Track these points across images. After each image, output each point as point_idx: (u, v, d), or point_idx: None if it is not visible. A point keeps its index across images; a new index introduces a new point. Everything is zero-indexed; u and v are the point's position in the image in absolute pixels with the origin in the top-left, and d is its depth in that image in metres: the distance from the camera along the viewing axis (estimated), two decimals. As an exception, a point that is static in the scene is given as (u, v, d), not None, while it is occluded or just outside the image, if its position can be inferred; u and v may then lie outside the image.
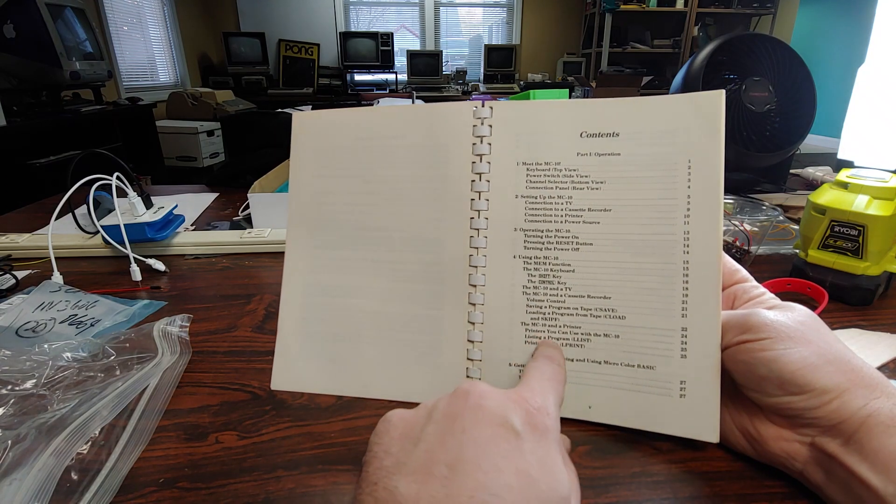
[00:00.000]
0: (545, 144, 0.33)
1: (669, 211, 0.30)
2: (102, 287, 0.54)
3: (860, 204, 0.45)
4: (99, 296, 0.51)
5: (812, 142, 3.96)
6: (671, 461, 0.29)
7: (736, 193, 0.71)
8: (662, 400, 0.30)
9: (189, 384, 0.38)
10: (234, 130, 1.13)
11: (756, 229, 0.57)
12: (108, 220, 0.61)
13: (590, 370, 0.32)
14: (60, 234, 0.64)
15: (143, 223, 0.61)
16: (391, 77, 4.66)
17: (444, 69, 4.70)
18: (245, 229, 0.68)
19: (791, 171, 0.92)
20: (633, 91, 3.57)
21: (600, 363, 0.31)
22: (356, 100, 4.19)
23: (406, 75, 4.61)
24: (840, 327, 0.43)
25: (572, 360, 0.32)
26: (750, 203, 0.65)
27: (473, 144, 0.33)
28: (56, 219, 0.61)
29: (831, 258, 0.47)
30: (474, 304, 0.33)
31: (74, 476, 0.28)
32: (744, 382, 0.28)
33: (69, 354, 0.38)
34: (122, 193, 0.62)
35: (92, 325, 0.46)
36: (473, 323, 0.33)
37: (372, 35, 4.47)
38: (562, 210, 0.32)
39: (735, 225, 0.54)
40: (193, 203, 0.85)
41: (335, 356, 0.35)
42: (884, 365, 0.38)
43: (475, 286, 0.33)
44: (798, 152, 0.84)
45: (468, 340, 0.33)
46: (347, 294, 0.35)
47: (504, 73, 4.73)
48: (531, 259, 0.33)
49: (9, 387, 0.34)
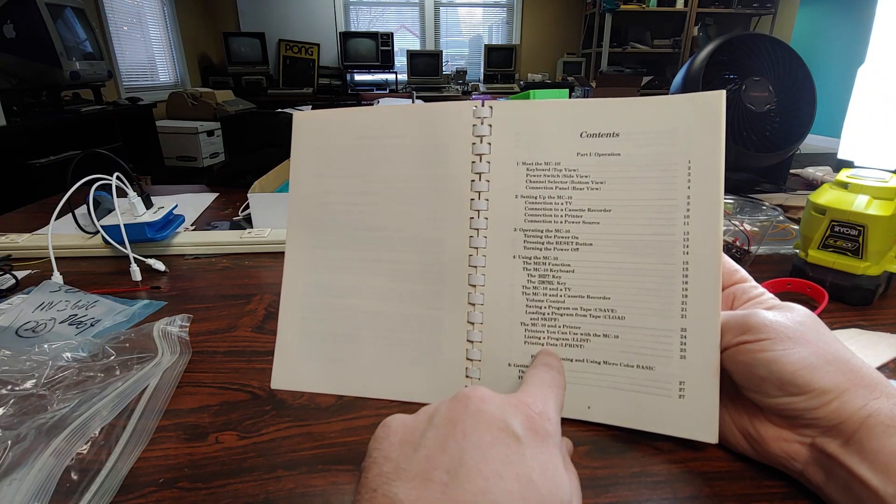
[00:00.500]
0: (545, 144, 0.33)
1: (669, 211, 0.30)
2: (102, 287, 0.54)
3: (860, 204, 0.45)
4: (99, 296, 0.51)
5: (812, 142, 3.96)
6: (671, 461, 0.29)
7: (736, 193, 0.71)
8: (661, 400, 0.30)
9: (189, 384, 0.38)
10: (234, 130, 1.13)
11: (756, 229, 0.57)
12: (108, 220, 0.61)
13: (589, 370, 0.32)
14: (60, 234, 0.64)
15: (143, 223, 0.61)
16: (391, 77, 4.66)
17: (444, 69, 4.70)
18: (245, 229, 0.68)
19: (791, 171, 0.92)
20: (633, 91, 3.57)
21: (599, 363, 0.31)
22: (356, 100, 4.18)
23: (406, 75, 4.61)
24: (840, 327, 0.43)
25: (571, 361, 0.32)
26: (750, 203, 0.65)
27: (473, 144, 0.33)
28: (56, 219, 0.61)
29: (831, 258, 0.47)
30: (474, 304, 0.33)
31: (74, 476, 0.28)
32: (743, 383, 0.28)
33: (69, 354, 0.38)
34: (122, 193, 0.62)
35: (92, 325, 0.46)
36: (473, 323, 0.33)
37: (372, 35, 4.47)
38: (561, 210, 0.32)
39: (735, 225, 0.54)
40: (193, 203, 0.85)
41: (335, 355, 0.35)
42: (884, 365, 0.38)
43: (475, 286, 0.33)
44: (798, 152, 0.84)
45: (467, 340, 0.33)
46: (347, 294, 0.35)
47: (504, 73, 4.73)
48: (531, 259, 0.32)
49: (9, 387, 0.34)
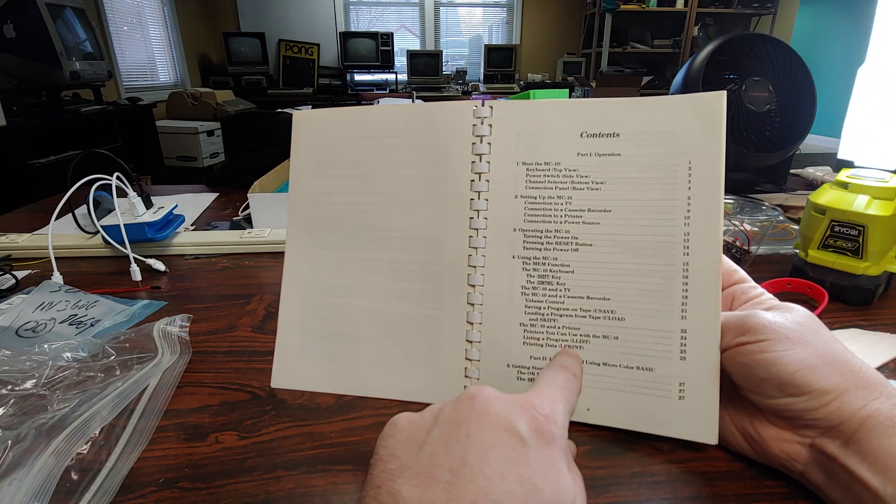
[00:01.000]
0: (545, 144, 0.33)
1: (669, 212, 0.30)
2: (102, 287, 0.54)
3: (860, 204, 0.45)
4: (99, 296, 0.51)
5: (812, 142, 3.96)
6: (671, 461, 0.29)
7: (736, 193, 0.71)
8: (661, 402, 0.30)
9: (189, 384, 0.38)
10: (234, 130, 1.13)
11: (756, 229, 0.57)
12: (108, 220, 0.61)
13: (588, 372, 0.32)
14: (60, 234, 0.64)
15: (143, 223, 0.61)
16: (391, 77, 4.66)
17: (444, 69, 4.70)
18: (245, 229, 0.68)
19: (791, 171, 0.92)
20: (633, 91, 3.57)
21: (599, 365, 0.31)
22: (356, 100, 4.18)
23: (406, 75, 4.61)
24: (840, 327, 0.43)
25: None
26: (750, 203, 0.65)
27: (473, 144, 0.33)
28: (56, 219, 0.61)
29: (831, 258, 0.47)
30: (473, 304, 0.33)
31: (74, 476, 0.28)
32: (743, 384, 0.28)
33: (69, 354, 0.38)
34: (122, 193, 0.62)
35: (92, 325, 0.46)
36: (472, 323, 0.33)
37: (372, 35, 4.47)
38: (561, 210, 0.32)
39: (735, 225, 0.54)
40: (193, 203, 0.85)
41: (334, 355, 0.35)
42: (884, 365, 0.38)
43: (474, 286, 0.33)
44: (798, 152, 0.84)
45: (467, 340, 0.33)
46: (347, 293, 0.35)
47: (504, 73, 4.73)
48: (530, 259, 0.32)
49: (9, 387, 0.34)
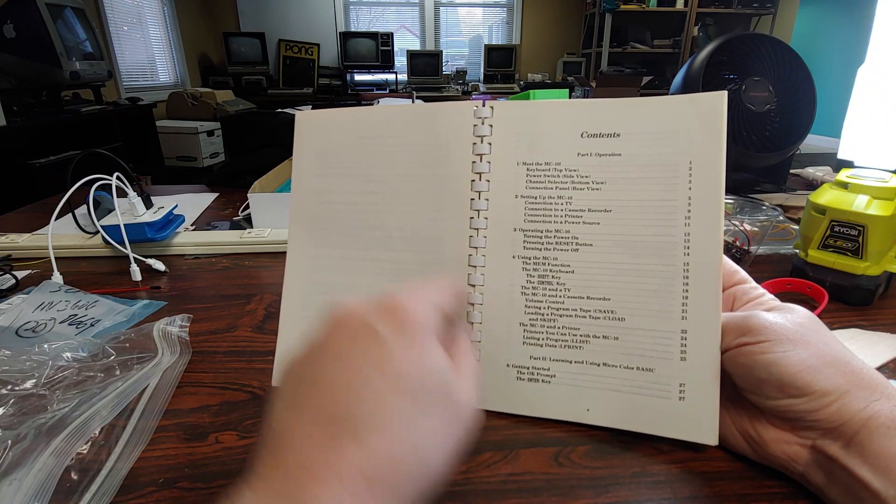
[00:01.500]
0: (545, 144, 0.33)
1: (670, 212, 0.30)
2: (102, 287, 0.54)
3: (860, 204, 0.45)
4: (99, 296, 0.51)
5: (812, 142, 3.96)
6: (671, 461, 0.29)
7: (736, 193, 0.71)
8: (661, 402, 0.30)
9: (189, 384, 0.38)
10: (234, 130, 1.13)
11: (756, 229, 0.57)
12: (108, 220, 0.61)
13: (588, 372, 0.31)
14: (60, 234, 0.64)
15: (143, 223, 0.61)
16: (391, 77, 4.65)
17: (444, 69, 4.69)
18: (245, 229, 0.68)
19: (791, 171, 0.92)
20: (633, 91, 3.57)
21: (599, 365, 0.31)
22: (356, 100, 4.18)
23: (406, 75, 4.61)
24: (840, 327, 0.43)
25: (571, 362, 0.32)
26: (750, 203, 0.65)
27: (474, 144, 0.33)
28: (56, 219, 0.61)
29: (831, 258, 0.47)
30: (473, 304, 0.33)
31: (74, 476, 0.28)
32: (744, 385, 0.28)
33: (69, 354, 0.38)
34: (122, 193, 0.62)
35: (92, 325, 0.46)
36: (472, 322, 0.33)
37: (372, 35, 4.47)
38: (562, 210, 0.32)
39: (735, 225, 0.54)
40: (193, 203, 0.85)
41: (335, 356, 0.35)
42: (884, 365, 0.38)
43: (474, 286, 0.33)
44: (798, 152, 0.84)
45: (468, 341, 0.33)
46: (348, 293, 0.35)
47: (504, 73, 4.73)
48: (530, 259, 0.32)
49: (9, 387, 0.34)
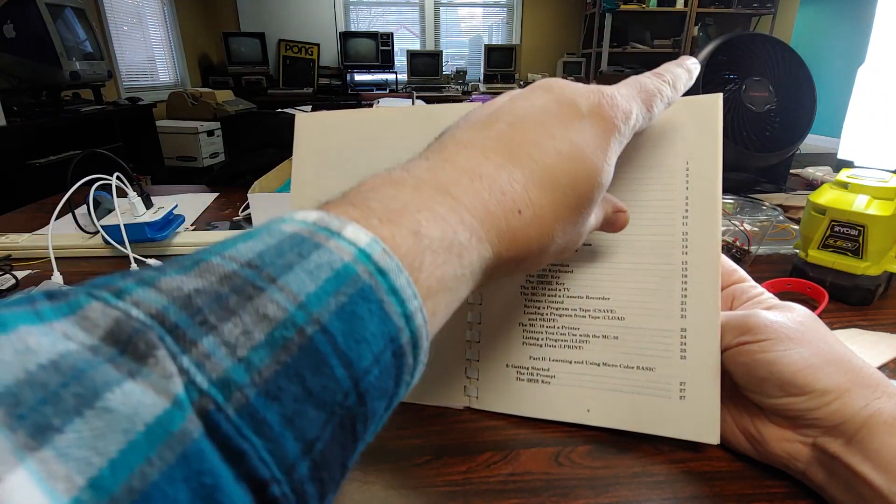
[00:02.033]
0: None
1: (668, 212, 0.30)
2: (102, 287, 0.54)
3: (860, 204, 0.45)
4: (99, 296, 0.51)
5: (812, 142, 3.96)
6: (672, 461, 0.29)
7: (736, 193, 0.71)
8: (662, 402, 0.30)
9: (189, 384, 0.38)
10: (234, 130, 1.13)
11: (756, 229, 0.57)
12: (108, 220, 0.61)
13: (588, 372, 0.31)
14: (60, 234, 0.64)
15: (143, 223, 0.61)
16: (391, 77, 4.65)
17: (444, 69, 4.69)
18: (245, 229, 0.68)
19: (791, 171, 0.92)
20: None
21: (599, 365, 0.31)
22: (356, 100, 4.18)
23: (406, 75, 4.61)
24: (840, 327, 0.43)
25: (570, 363, 0.32)
26: (750, 203, 0.65)
27: None
28: (56, 219, 0.61)
29: (831, 258, 0.47)
30: (472, 305, 0.33)
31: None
32: (744, 384, 0.28)
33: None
34: (122, 193, 0.62)
35: (92, 326, 0.46)
36: (471, 323, 0.33)
37: (372, 35, 4.46)
38: None
39: (735, 225, 0.54)
40: (193, 203, 0.85)
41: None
42: (884, 365, 0.38)
43: (475, 286, 0.33)
44: (798, 152, 0.84)
45: (466, 341, 0.33)
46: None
47: (504, 73, 4.72)
48: (531, 259, 0.32)
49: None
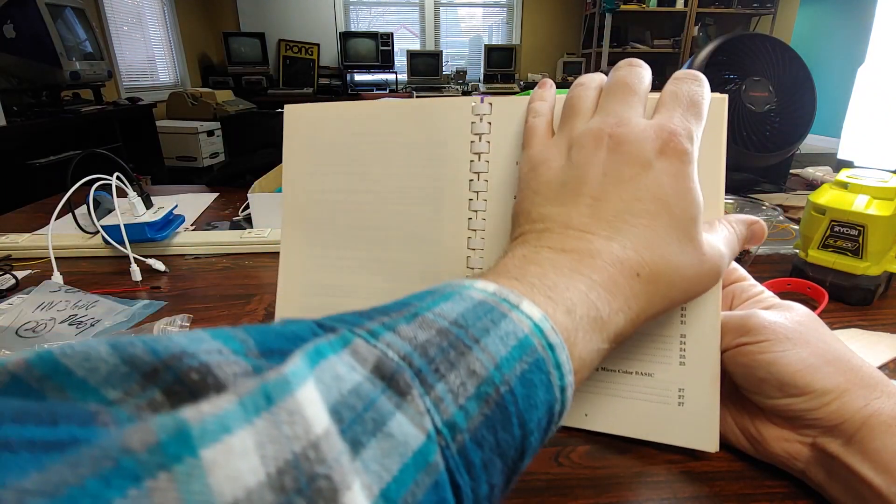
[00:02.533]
0: None
1: None
2: (102, 287, 0.54)
3: (860, 204, 0.45)
4: (99, 296, 0.51)
5: (812, 142, 3.96)
6: (672, 461, 0.29)
7: (736, 193, 0.71)
8: (660, 408, 0.29)
9: (189, 384, 0.38)
10: (234, 130, 1.13)
11: (756, 229, 0.57)
12: (108, 220, 0.61)
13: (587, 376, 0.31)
14: (60, 234, 0.64)
15: (143, 223, 0.61)
16: (391, 77, 4.65)
17: (444, 69, 4.69)
18: (245, 229, 0.68)
19: (791, 171, 0.92)
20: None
21: (598, 370, 0.31)
22: (356, 100, 4.18)
23: (406, 75, 4.61)
24: (840, 327, 0.43)
25: None
26: (750, 203, 0.65)
27: (472, 142, 0.32)
28: (56, 219, 0.61)
29: (831, 258, 0.47)
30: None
31: (74, 476, 0.28)
32: (744, 384, 0.28)
33: (69, 354, 0.38)
34: (122, 193, 0.62)
35: (92, 325, 0.46)
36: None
37: (372, 35, 4.46)
38: None
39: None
40: (193, 203, 0.85)
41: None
42: (884, 365, 0.38)
43: (475, 286, 0.33)
44: (798, 152, 0.84)
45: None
46: (345, 294, 0.35)
47: (504, 73, 4.72)
48: (531, 259, 0.32)
49: (9, 387, 0.34)
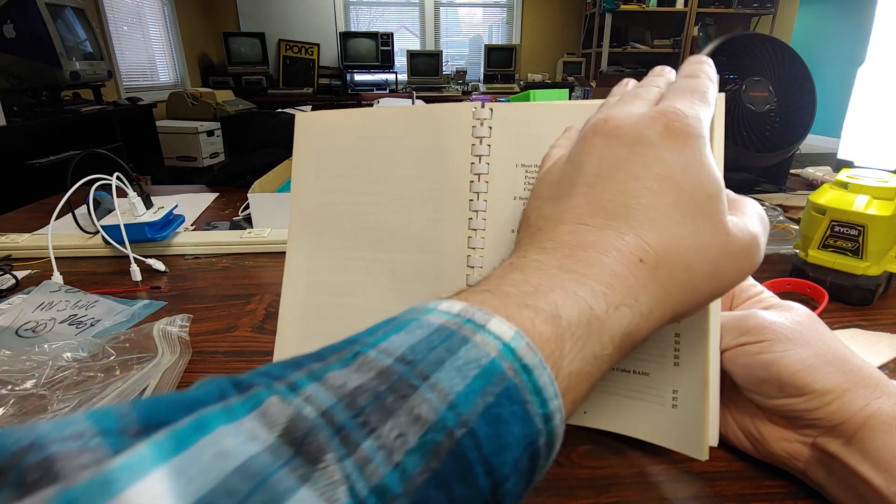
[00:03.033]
0: (544, 147, 0.32)
1: None
2: (102, 287, 0.54)
3: (860, 204, 0.45)
4: (99, 296, 0.51)
5: (812, 142, 3.95)
6: (671, 461, 0.29)
7: (736, 193, 0.71)
8: (655, 408, 0.29)
9: (189, 384, 0.38)
10: (234, 130, 1.13)
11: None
12: (108, 220, 0.61)
13: None
14: (60, 234, 0.64)
15: (143, 223, 0.61)
16: (391, 77, 4.65)
17: (444, 69, 4.69)
18: (245, 229, 0.68)
19: (791, 171, 0.92)
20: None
21: None
22: (356, 100, 4.18)
23: (406, 75, 4.61)
24: (840, 327, 0.43)
25: None
26: (750, 203, 0.65)
27: (472, 145, 0.33)
28: (56, 219, 0.61)
29: (831, 258, 0.47)
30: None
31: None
32: (744, 384, 0.28)
33: (69, 354, 0.38)
34: (122, 193, 0.62)
35: (92, 325, 0.46)
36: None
37: (372, 35, 4.46)
38: None
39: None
40: (193, 203, 0.85)
41: (335, 356, 0.35)
42: (884, 365, 0.38)
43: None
44: (798, 152, 0.84)
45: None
46: (347, 293, 0.35)
47: (504, 74, 4.72)
48: (531, 259, 0.32)
49: (9, 387, 0.34)
